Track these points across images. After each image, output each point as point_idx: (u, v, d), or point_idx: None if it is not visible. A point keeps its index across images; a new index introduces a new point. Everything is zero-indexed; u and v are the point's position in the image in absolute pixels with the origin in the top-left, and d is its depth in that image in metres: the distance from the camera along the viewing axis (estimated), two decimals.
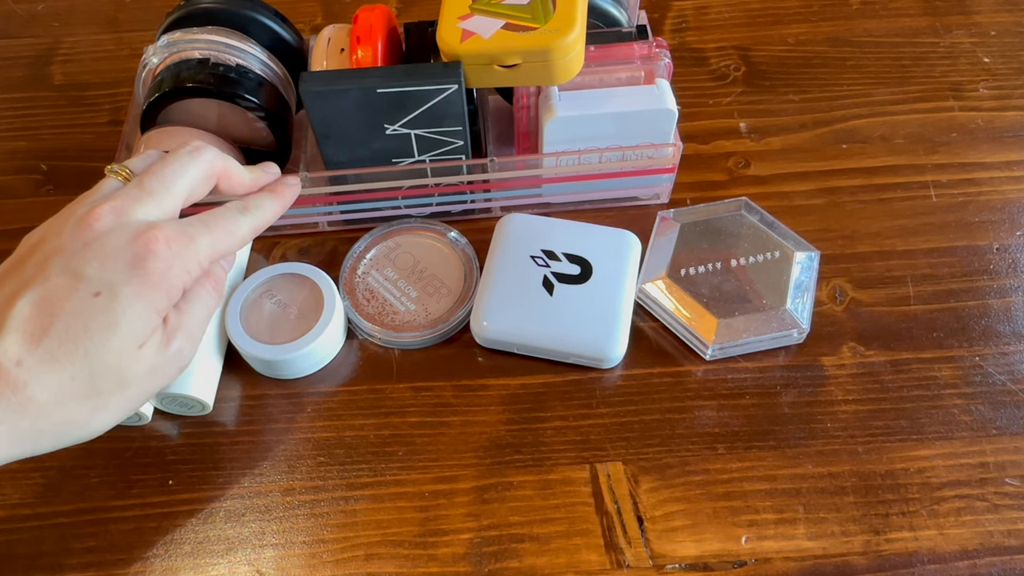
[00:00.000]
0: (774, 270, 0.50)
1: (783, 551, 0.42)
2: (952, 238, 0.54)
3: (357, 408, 0.48)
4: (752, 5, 0.69)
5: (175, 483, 0.46)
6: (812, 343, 0.50)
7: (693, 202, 0.56)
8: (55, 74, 0.67)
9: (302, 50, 0.56)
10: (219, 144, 0.51)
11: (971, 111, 0.61)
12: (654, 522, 0.44)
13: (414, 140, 0.51)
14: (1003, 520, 0.43)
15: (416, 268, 0.53)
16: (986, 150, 0.59)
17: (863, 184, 0.57)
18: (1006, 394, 0.47)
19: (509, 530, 0.44)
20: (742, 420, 0.47)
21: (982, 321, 0.50)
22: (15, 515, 0.45)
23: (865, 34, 0.67)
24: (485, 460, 0.46)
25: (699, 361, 0.49)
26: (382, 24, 0.52)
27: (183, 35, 0.50)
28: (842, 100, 0.62)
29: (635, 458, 0.46)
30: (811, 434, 0.46)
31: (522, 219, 0.53)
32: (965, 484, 0.44)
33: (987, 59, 0.65)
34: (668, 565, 0.42)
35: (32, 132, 0.63)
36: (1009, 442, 0.46)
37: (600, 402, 0.48)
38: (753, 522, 0.43)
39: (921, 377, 0.48)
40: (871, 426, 0.46)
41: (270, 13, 0.54)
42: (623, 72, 0.51)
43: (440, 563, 0.43)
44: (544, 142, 0.51)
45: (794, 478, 0.45)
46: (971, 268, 0.53)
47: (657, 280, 0.50)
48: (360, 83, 0.47)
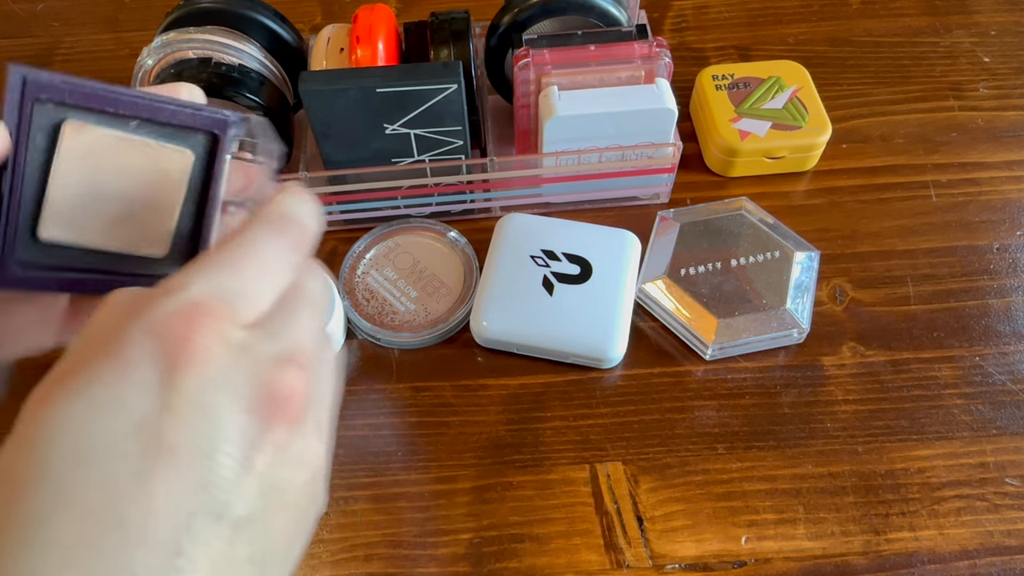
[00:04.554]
0: (774, 270, 0.50)
1: (783, 551, 0.42)
2: (952, 238, 0.54)
3: (357, 408, 0.48)
4: (752, 5, 0.69)
5: None
6: (812, 343, 0.50)
7: (693, 202, 0.56)
8: None
9: (301, 50, 0.56)
10: None
11: (971, 111, 0.61)
12: (654, 522, 0.44)
13: (413, 140, 0.51)
14: (1003, 520, 0.43)
15: (416, 268, 0.53)
16: (986, 150, 0.59)
17: (863, 184, 0.57)
18: (1006, 394, 0.47)
19: (509, 530, 0.43)
20: (742, 420, 0.47)
21: (982, 321, 0.50)
22: None
23: (865, 34, 0.67)
24: (485, 460, 0.46)
25: (699, 361, 0.49)
26: (382, 24, 0.52)
27: (178, 35, 0.50)
28: (842, 100, 0.62)
29: (635, 458, 0.46)
30: (811, 434, 0.46)
31: (522, 219, 0.53)
32: (965, 484, 0.44)
33: (987, 59, 0.65)
34: (668, 565, 0.42)
35: None
36: (1009, 442, 0.46)
37: (600, 402, 0.48)
38: (753, 522, 0.43)
39: (921, 377, 0.48)
40: (871, 426, 0.46)
41: (269, 13, 0.54)
42: (623, 72, 0.51)
43: (440, 563, 0.43)
44: (544, 142, 0.51)
45: (794, 478, 0.45)
46: (971, 268, 0.53)
47: (657, 280, 0.50)
48: (359, 83, 0.47)
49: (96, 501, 0.20)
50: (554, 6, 0.52)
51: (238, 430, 0.22)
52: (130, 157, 0.32)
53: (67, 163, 0.31)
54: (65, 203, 0.31)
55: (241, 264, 0.25)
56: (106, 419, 0.21)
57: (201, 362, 0.22)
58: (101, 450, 0.21)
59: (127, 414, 0.21)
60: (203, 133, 0.33)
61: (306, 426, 0.23)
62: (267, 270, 0.25)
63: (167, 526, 0.20)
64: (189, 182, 0.33)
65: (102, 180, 0.31)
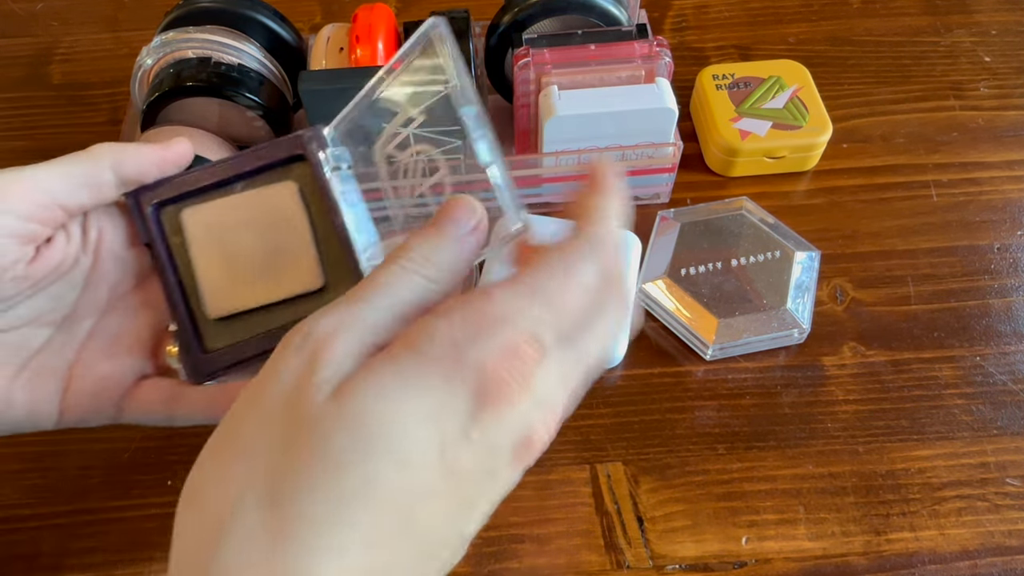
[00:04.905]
0: (774, 270, 0.50)
1: (783, 552, 0.42)
2: (953, 238, 0.54)
3: None
4: (752, 4, 0.69)
5: (175, 483, 0.45)
6: (813, 343, 0.50)
7: (693, 202, 0.56)
8: (54, 73, 0.67)
9: (301, 49, 0.56)
10: (219, 144, 0.51)
11: (972, 110, 0.61)
12: (654, 522, 0.43)
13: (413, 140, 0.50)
14: (1004, 520, 0.43)
15: None
16: (987, 149, 0.59)
17: (863, 184, 0.57)
18: (1007, 394, 0.47)
19: (509, 530, 0.43)
20: (742, 420, 0.47)
21: (983, 321, 0.50)
22: (15, 515, 0.44)
23: (865, 33, 0.67)
24: None
25: (699, 361, 0.49)
26: (381, 23, 0.52)
27: (176, 35, 0.50)
28: (842, 99, 0.62)
29: (635, 458, 0.46)
30: (811, 434, 0.46)
31: None
32: (966, 484, 0.44)
33: (988, 58, 0.65)
34: (668, 566, 0.42)
35: (31, 132, 0.63)
36: (1010, 442, 0.46)
37: (600, 402, 0.48)
38: (753, 522, 0.43)
39: (922, 377, 0.48)
40: (872, 426, 0.46)
41: (269, 12, 0.54)
42: (623, 71, 0.51)
43: None
44: (544, 141, 0.51)
45: (794, 478, 0.45)
46: (972, 268, 0.53)
47: (657, 280, 0.50)
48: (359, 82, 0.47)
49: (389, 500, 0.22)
50: (554, 5, 0.52)
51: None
52: (245, 213, 0.33)
53: (199, 245, 0.33)
54: (216, 280, 0.33)
55: (556, 294, 0.25)
56: (419, 430, 0.23)
57: (506, 405, 0.23)
58: (406, 454, 0.22)
59: (436, 430, 0.23)
60: (292, 160, 0.34)
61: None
62: (576, 303, 0.25)
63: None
64: (307, 209, 0.33)
65: (233, 244, 0.33)
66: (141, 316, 0.36)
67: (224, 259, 0.33)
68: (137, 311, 0.36)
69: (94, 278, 0.35)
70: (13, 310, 0.33)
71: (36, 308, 0.34)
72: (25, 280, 0.32)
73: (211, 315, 0.33)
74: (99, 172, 0.32)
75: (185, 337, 0.33)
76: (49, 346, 0.35)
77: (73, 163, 0.32)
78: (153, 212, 0.33)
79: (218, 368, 0.33)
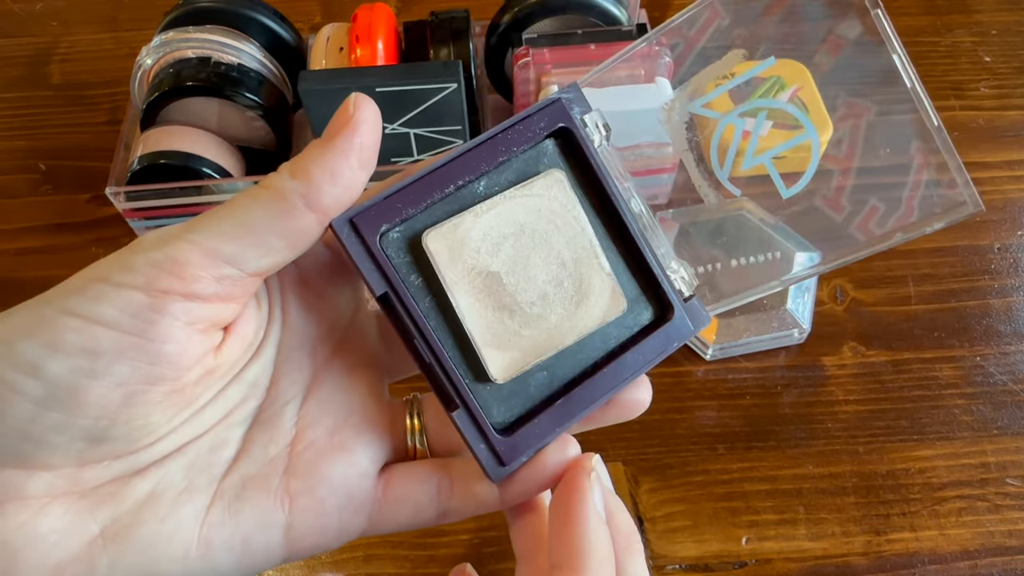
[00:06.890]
0: (774, 270, 0.50)
1: (784, 552, 0.42)
2: (953, 237, 0.54)
3: None
4: None
5: None
6: (813, 343, 0.49)
7: (693, 202, 0.56)
8: (53, 73, 0.66)
9: (301, 49, 0.56)
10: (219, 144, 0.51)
11: (972, 110, 0.61)
12: (654, 523, 0.43)
13: (413, 139, 0.50)
14: (1004, 520, 0.43)
15: None
16: (987, 149, 0.59)
17: None
18: (1007, 394, 0.47)
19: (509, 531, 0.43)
20: (742, 420, 0.47)
21: (983, 321, 0.50)
22: None
23: None
24: None
25: (699, 361, 0.49)
26: (381, 23, 0.52)
27: (176, 35, 0.50)
28: None
29: (635, 458, 0.46)
30: (812, 434, 0.46)
31: None
32: (966, 484, 0.44)
33: (988, 58, 0.65)
34: (668, 566, 0.42)
35: (30, 131, 0.63)
36: (1010, 442, 0.46)
37: None
38: (754, 523, 0.43)
39: (922, 377, 0.48)
40: (872, 426, 0.46)
41: (269, 12, 0.54)
42: (623, 71, 0.51)
43: (440, 563, 0.42)
44: None
45: (795, 478, 0.45)
46: (972, 268, 0.53)
47: None
48: (359, 82, 0.47)
49: None
50: (554, 5, 0.52)
51: None
52: (499, 226, 0.24)
53: (454, 280, 0.24)
54: (489, 327, 0.24)
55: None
56: None
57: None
58: None
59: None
60: (548, 138, 0.26)
61: None
62: None
63: None
64: (582, 202, 0.26)
65: (495, 272, 0.24)
66: (358, 382, 0.26)
67: (494, 294, 0.24)
68: (349, 377, 0.26)
69: (286, 346, 0.25)
70: (199, 415, 0.23)
71: (226, 404, 0.24)
72: (212, 375, 0.23)
73: (497, 377, 0.24)
74: (292, 211, 0.21)
75: (473, 418, 0.24)
76: (247, 454, 0.24)
77: (251, 207, 0.21)
78: (377, 246, 0.23)
79: (526, 451, 0.24)
